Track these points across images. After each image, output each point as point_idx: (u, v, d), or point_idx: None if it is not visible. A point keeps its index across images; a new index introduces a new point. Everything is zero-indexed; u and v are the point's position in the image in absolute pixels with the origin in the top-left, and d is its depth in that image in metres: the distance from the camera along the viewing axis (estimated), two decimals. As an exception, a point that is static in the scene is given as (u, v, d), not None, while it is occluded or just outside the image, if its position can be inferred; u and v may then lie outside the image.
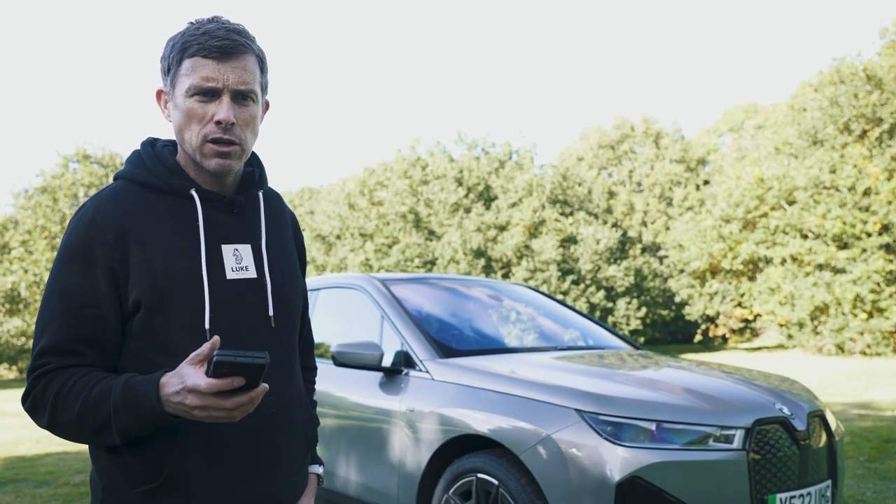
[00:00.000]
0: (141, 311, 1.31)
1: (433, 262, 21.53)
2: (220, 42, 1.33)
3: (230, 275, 1.39)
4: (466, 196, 22.74)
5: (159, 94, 1.42)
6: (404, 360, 3.66)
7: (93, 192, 23.33)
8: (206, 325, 1.33)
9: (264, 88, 1.44)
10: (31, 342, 21.68)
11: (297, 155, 72.04)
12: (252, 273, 1.42)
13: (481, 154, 24.35)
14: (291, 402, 1.48)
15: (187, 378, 1.17)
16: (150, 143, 1.46)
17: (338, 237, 23.83)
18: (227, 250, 1.40)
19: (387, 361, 3.69)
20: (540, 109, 68.34)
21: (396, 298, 4.04)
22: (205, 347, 1.18)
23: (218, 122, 1.34)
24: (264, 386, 1.19)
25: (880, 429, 7.05)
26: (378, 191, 23.91)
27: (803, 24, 67.10)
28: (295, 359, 1.53)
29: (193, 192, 1.39)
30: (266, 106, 1.48)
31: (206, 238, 1.38)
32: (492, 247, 21.73)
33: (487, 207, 23.07)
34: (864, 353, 18.66)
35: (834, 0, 65.08)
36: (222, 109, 1.34)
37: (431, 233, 22.51)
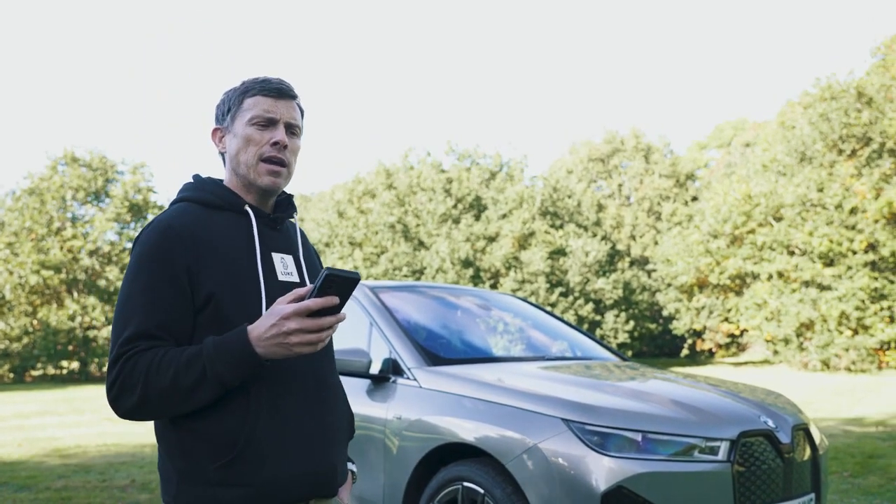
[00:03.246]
0: (211, 304, 1.52)
1: (421, 272, 21.53)
2: (277, 85, 1.66)
3: (281, 277, 1.64)
4: (455, 207, 22.77)
5: (215, 131, 1.71)
6: (392, 368, 3.66)
7: (81, 195, 23.21)
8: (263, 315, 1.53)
9: (301, 133, 1.72)
10: (13, 345, 21.54)
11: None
12: (296, 278, 1.67)
13: (472, 165, 24.41)
14: (336, 389, 1.69)
15: (282, 311, 1.40)
16: (200, 176, 1.73)
17: (327, 245, 23.81)
18: (276, 258, 1.66)
19: (374, 369, 3.69)
20: (530, 122, 68.67)
21: (385, 306, 4.04)
22: (293, 292, 1.43)
23: (275, 143, 1.61)
24: (344, 313, 1.45)
25: (864, 445, 7.09)
26: (366, 201, 23.91)
27: (794, 43, 67.87)
28: (333, 353, 1.75)
29: (248, 208, 1.65)
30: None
31: (261, 245, 1.63)
32: (480, 257, 21.75)
33: (477, 218, 23.11)
34: (848, 370, 18.79)
35: (825, 18, 65.89)
36: (279, 133, 1.63)
37: (420, 243, 22.52)
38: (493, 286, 21.58)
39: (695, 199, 30.15)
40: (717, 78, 68.50)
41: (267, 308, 1.55)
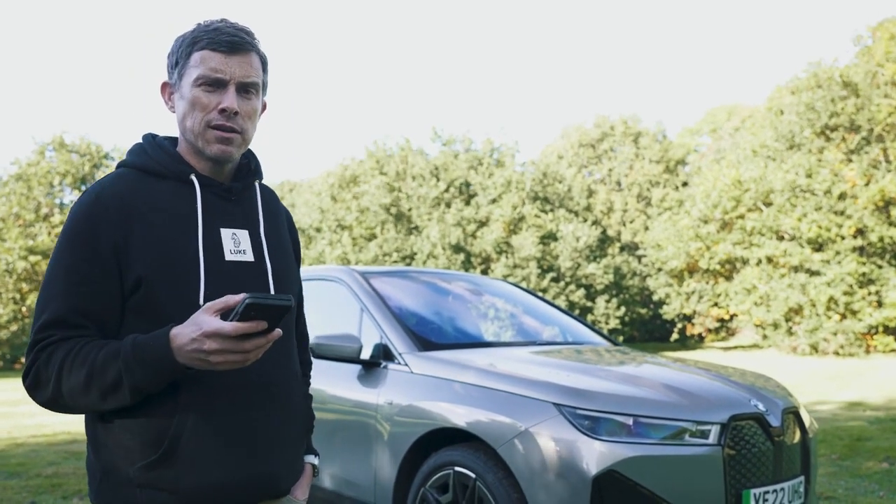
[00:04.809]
0: (141, 288, 1.35)
1: (412, 257, 21.49)
2: (229, 38, 1.42)
3: (228, 256, 1.44)
4: (447, 191, 22.70)
5: (164, 86, 1.50)
6: (383, 353, 3.65)
7: (69, 180, 23.02)
8: (201, 302, 1.36)
9: (264, 88, 1.52)
10: (1, 333, 21.40)
11: (279, 148, 71.62)
12: (249, 257, 1.48)
13: (460, 150, 24.31)
14: (289, 383, 1.52)
15: (205, 324, 1.22)
16: (151, 136, 1.53)
17: (317, 230, 23.73)
18: (226, 234, 1.46)
19: (365, 354, 3.68)
20: (522, 107, 68.48)
21: (376, 291, 4.02)
22: (224, 299, 1.24)
23: (223, 110, 1.42)
24: (279, 331, 1.25)
25: (852, 428, 7.15)
26: (356, 186, 23.83)
27: (786, 26, 67.83)
28: (292, 342, 1.58)
29: (193, 177, 1.45)
30: (263, 106, 1.56)
31: (204, 220, 1.44)
32: (471, 242, 21.73)
33: (468, 203, 23.06)
34: (837, 354, 18.94)
35: (817, 3, 65.84)
36: (228, 98, 1.42)
37: (413, 227, 22.46)
38: (485, 271, 21.57)
39: (685, 184, 30.20)
40: (710, 63, 68.47)
41: (206, 294, 1.37)
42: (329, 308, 4.43)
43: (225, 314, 1.26)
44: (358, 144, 55.69)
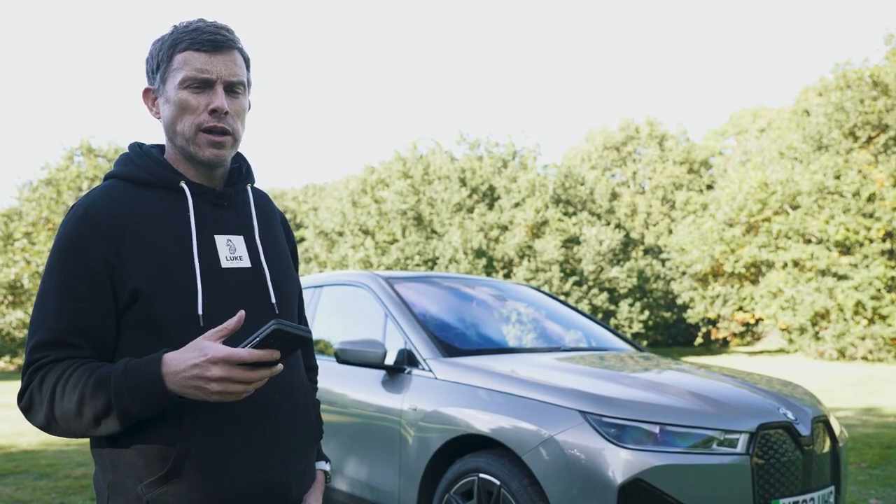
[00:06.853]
0: (138, 302, 1.32)
1: (434, 262, 21.51)
2: (210, 37, 1.39)
3: (225, 264, 1.42)
4: (470, 196, 22.69)
5: (146, 92, 1.47)
6: (407, 359, 3.65)
7: (97, 184, 23.34)
8: (199, 311, 1.34)
9: (249, 86, 1.49)
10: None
11: (303, 152, 72.12)
12: (246, 263, 1.45)
13: (484, 154, 24.29)
14: (296, 389, 1.49)
15: (210, 349, 1.19)
16: (138, 145, 1.50)
17: (340, 234, 23.81)
18: (221, 241, 1.43)
19: (390, 359, 3.69)
20: (547, 111, 68.32)
21: (400, 297, 4.03)
22: (230, 322, 1.22)
23: (213, 111, 1.39)
24: (280, 366, 1.22)
25: (882, 435, 7.03)
26: (380, 189, 23.89)
27: (811, 28, 67.02)
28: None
29: (183, 185, 1.42)
30: (248, 105, 1.52)
31: (198, 228, 1.41)
32: (493, 247, 21.69)
33: (490, 207, 23.03)
34: (865, 359, 18.64)
35: (842, 4, 64.97)
36: (217, 98, 1.39)
37: (433, 231, 22.47)
38: (507, 275, 21.53)
39: (709, 187, 29.92)
40: (736, 65, 67.84)
41: (204, 304, 1.35)
42: (353, 313, 4.46)
43: (228, 340, 1.23)
44: (381, 148, 55.87)
